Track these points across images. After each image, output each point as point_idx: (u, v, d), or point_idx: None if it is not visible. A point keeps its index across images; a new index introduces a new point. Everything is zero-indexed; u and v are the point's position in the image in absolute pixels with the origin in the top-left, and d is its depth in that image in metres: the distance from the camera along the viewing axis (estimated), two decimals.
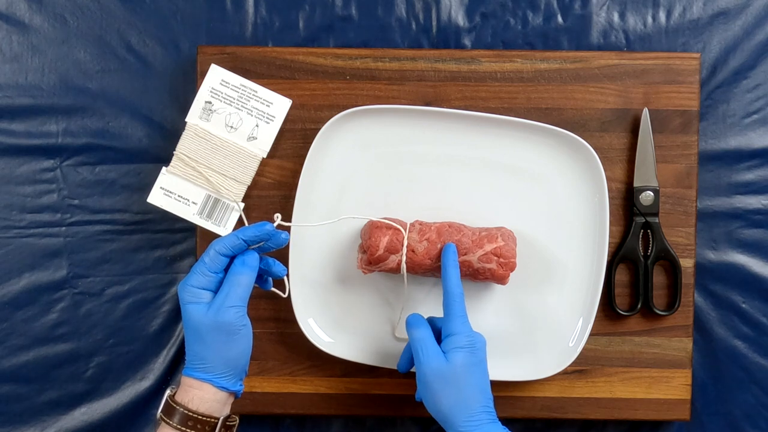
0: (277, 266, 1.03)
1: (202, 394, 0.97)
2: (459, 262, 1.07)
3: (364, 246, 1.09)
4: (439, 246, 1.07)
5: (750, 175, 1.18)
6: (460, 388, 0.99)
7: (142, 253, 1.18)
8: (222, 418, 0.98)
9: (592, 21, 1.18)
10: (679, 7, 1.18)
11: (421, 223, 1.09)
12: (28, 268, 1.17)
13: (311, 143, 1.11)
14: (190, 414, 0.96)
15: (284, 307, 1.13)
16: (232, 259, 0.99)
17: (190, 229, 1.17)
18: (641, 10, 1.18)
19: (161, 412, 0.98)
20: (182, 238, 1.18)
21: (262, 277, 1.04)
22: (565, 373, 1.14)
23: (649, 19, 1.18)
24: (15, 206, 1.17)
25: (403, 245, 1.07)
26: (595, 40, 1.18)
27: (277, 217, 1.03)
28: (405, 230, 1.07)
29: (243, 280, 0.98)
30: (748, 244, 1.18)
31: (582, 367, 1.15)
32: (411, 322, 1.04)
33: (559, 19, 1.18)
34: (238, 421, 1.01)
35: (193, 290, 0.97)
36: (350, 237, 1.13)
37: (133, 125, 1.17)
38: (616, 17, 1.18)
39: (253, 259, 0.99)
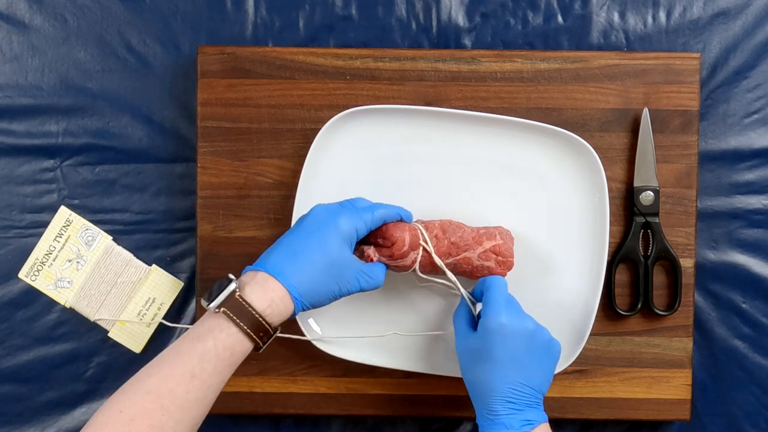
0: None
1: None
2: (459, 260, 1.07)
3: (390, 239, 1.04)
4: (446, 242, 1.05)
5: (750, 175, 1.18)
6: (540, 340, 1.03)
7: (142, 253, 1.17)
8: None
9: (592, 21, 1.18)
10: (679, 7, 1.18)
11: (423, 222, 1.09)
12: None
13: (311, 143, 1.11)
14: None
15: None
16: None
17: (190, 228, 1.17)
18: (641, 10, 1.18)
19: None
20: (182, 238, 1.18)
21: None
22: (565, 373, 1.14)
23: (649, 19, 1.18)
24: (15, 206, 1.17)
25: (419, 242, 1.05)
26: (595, 40, 1.18)
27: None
28: (422, 230, 1.05)
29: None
30: (748, 244, 1.18)
31: (582, 367, 1.15)
32: (494, 283, 1.04)
33: (559, 19, 1.18)
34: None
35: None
36: None
37: (133, 125, 1.17)
38: (616, 17, 1.18)
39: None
